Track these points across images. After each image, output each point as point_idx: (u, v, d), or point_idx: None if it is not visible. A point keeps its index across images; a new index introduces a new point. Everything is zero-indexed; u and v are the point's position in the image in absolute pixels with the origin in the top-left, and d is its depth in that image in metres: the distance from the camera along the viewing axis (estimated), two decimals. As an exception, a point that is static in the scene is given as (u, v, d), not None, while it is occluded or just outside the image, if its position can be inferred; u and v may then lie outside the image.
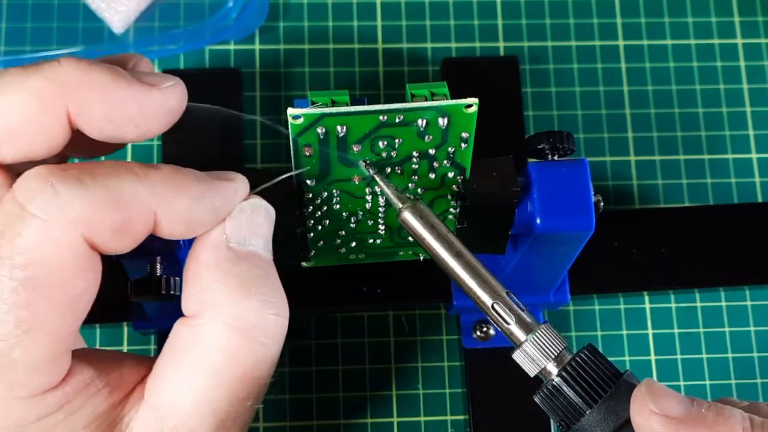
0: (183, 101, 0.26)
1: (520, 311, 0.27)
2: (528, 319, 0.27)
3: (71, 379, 0.24)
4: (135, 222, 0.24)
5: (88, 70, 0.24)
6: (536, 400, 0.27)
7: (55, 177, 0.23)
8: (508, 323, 0.27)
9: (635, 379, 0.27)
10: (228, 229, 0.26)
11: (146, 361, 0.27)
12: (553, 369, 0.27)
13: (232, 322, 0.25)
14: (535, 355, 0.27)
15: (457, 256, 0.27)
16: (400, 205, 0.28)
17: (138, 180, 0.24)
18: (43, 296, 0.23)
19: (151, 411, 0.25)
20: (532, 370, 0.27)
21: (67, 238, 0.23)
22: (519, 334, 0.27)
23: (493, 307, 0.27)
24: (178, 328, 0.26)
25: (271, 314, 0.26)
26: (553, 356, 0.26)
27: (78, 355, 0.25)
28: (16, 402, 0.23)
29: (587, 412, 0.26)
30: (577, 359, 0.26)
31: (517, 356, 0.27)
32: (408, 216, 0.28)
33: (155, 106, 0.25)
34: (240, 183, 0.26)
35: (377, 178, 0.29)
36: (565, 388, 0.26)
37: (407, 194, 0.28)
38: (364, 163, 0.29)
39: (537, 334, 0.27)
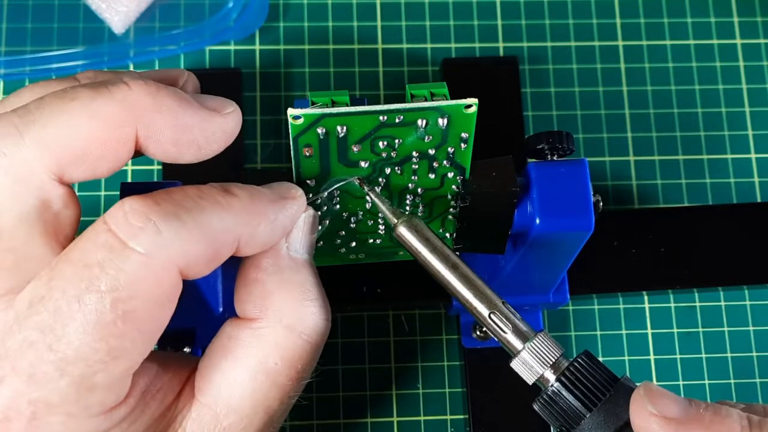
0: (239, 125, 0.27)
1: (516, 320, 0.27)
2: (524, 328, 0.27)
3: (133, 390, 0.25)
4: (224, 252, 0.25)
5: (157, 95, 0.25)
6: (535, 407, 0.27)
7: (154, 214, 0.23)
8: (504, 332, 0.27)
9: (632, 382, 0.27)
10: (289, 239, 0.27)
11: (187, 361, 0.28)
12: (550, 376, 0.27)
13: (293, 326, 0.26)
14: (532, 363, 0.27)
15: (453, 268, 0.28)
16: (395, 221, 0.28)
17: (224, 211, 0.24)
18: (135, 327, 0.23)
19: (206, 410, 0.26)
20: (530, 378, 0.27)
21: (167, 274, 0.23)
22: (516, 342, 0.27)
23: (489, 317, 0.27)
24: (233, 330, 0.27)
25: (324, 318, 0.27)
26: (551, 364, 0.27)
27: None
28: (89, 420, 0.24)
29: (586, 417, 0.26)
30: (574, 365, 0.27)
31: (515, 365, 0.27)
32: (403, 231, 0.28)
33: (218, 130, 0.26)
34: (302, 199, 0.27)
35: (371, 195, 0.29)
36: (563, 394, 0.26)
37: (401, 210, 0.29)
38: (358, 180, 0.29)
39: (534, 342, 0.27)
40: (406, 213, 0.28)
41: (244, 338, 0.26)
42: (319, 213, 0.31)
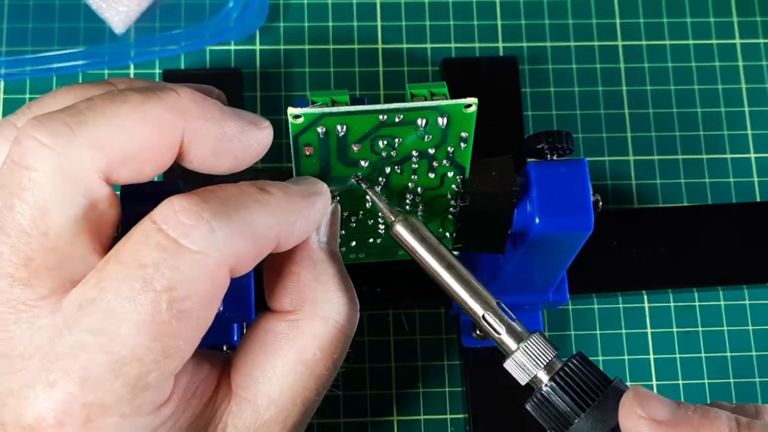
0: (271, 140, 0.28)
1: (510, 321, 0.27)
2: (519, 329, 0.27)
3: (176, 387, 0.25)
4: (266, 250, 0.25)
5: (203, 104, 0.25)
6: (528, 407, 0.27)
7: (207, 212, 0.23)
8: (498, 333, 0.27)
9: (624, 385, 0.27)
10: (319, 231, 0.28)
11: (219, 358, 0.28)
12: (543, 377, 0.27)
13: (329, 316, 0.27)
14: (525, 363, 0.27)
15: (449, 267, 0.28)
16: (393, 219, 0.28)
17: (264, 209, 0.25)
18: (189, 326, 0.23)
19: (246, 404, 0.26)
20: (523, 379, 0.27)
21: (220, 272, 0.23)
22: (510, 343, 0.27)
23: (483, 317, 0.27)
24: (270, 324, 0.27)
25: (355, 308, 0.28)
26: (544, 365, 0.27)
27: None
28: (137, 420, 0.24)
29: (577, 420, 0.26)
30: (567, 367, 0.27)
31: (509, 365, 0.27)
32: (400, 229, 0.28)
33: (254, 142, 0.27)
34: (327, 193, 0.28)
35: (369, 193, 0.29)
36: (555, 396, 0.27)
37: (398, 208, 0.29)
38: (356, 179, 0.29)
39: (528, 343, 0.27)
40: (404, 212, 0.29)
41: (282, 331, 0.27)
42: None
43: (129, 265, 0.23)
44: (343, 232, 0.33)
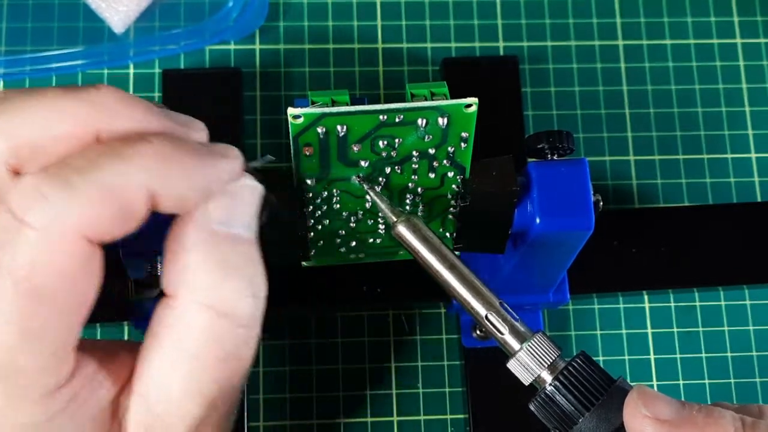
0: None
1: (513, 321, 0.27)
2: (521, 329, 0.27)
3: (77, 374, 0.24)
4: (131, 205, 0.23)
5: (124, 98, 0.25)
6: (532, 407, 0.27)
7: (44, 184, 0.22)
8: (501, 333, 0.27)
9: (627, 385, 0.27)
10: (211, 209, 0.25)
11: (137, 348, 0.26)
12: (547, 377, 0.27)
13: (212, 304, 0.25)
14: (529, 363, 0.27)
15: (451, 268, 0.28)
16: (394, 219, 0.28)
17: (125, 163, 0.23)
18: (45, 304, 0.23)
19: (140, 399, 0.25)
20: (526, 379, 0.27)
21: (67, 244, 0.23)
22: (513, 343, 0.27)
23: (486, 317, 0.27)
24: (158, 310, 0.25)
25: (250, 295, 0.25)
26: (547, 364, 0.27)
27: (79, 348, 0.25)
28: (25, 406, 0.23)
29: (581, 419, 0.26)
30: (570, 367, 0.27)
31: (512, 365, 0.27)
32: (402, 230, 0.28)
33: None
34: (235, 160, 0.26)
35: (371, 193, 0.29)
36: (558, 396, 0.27)
37: (400, 209, 0.29)
38: (357, 178, 0.29)
39: (531, 342, 0.27)
40: (406, 212, 0.28)
41: (164, 318, 0.25)
42: (318, 212, 0.31)
43: None
44: (343, 232, 0.32)
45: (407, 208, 0.31)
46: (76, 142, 0.24)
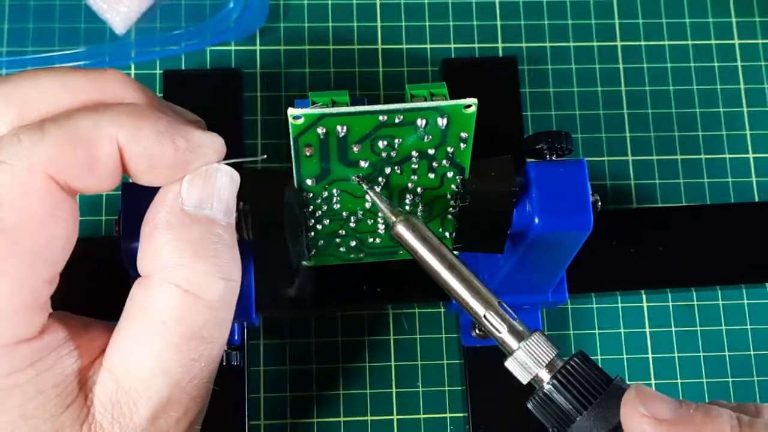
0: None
1: (511, 320, 0.27)
2: (519, 327, 0.27)
3: (45, 336, 0.25)
4: (100, 154, 0.24)
5: (126, 80, 0.27)
6: (529, 406, 0.28)
7: (21, 131, 0.24)
8: (499, 332, 0.27)
9: (625, 384, 0.27)
10: (184, 191, 0.26)
11: (112, 328, 0.27)
12: (545, 376, 0.27)
13: (181, 284, 0.25)
14: (527, 362, 0.27)
15: (450, 267, 0.28)
16: (394, 219, 0.28)
17: (98, 113, 0.25)
18: (11, 240, 0.23)
19: (107, 373, 0.26)
20: (524, 378, 0.27)
21: (34, 180, 0.24)
22: (511, 342, 0.27)
23: (485, 316, 0.27)
24: (132, 290, 0.26)
25: (220, 278, 0.26)
26: (545, 363, 0.27)
27: (52, 316, 0.25)
28: None
29: (578, 418, 0.26)
30: (568, 366, 0.27)
31: (510, 364, 0.27)
32: (401, 229, 0.28)
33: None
34: (209, 135, 0.26)
35: (370, 193, 0.29)
36: (556, 395, 0.27)
37: (399, 209, 0.29)
38: (356, 178, 0.29)
39: (529, 341, 0.27)
40: (405, 212, 0.29)
41: (136, 297, 0.26)
42: (318, 212, 0.31)
43: None
44: (343, 231, 0.33)
45: (407, 208, 0.32)
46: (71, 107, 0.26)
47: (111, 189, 0.26)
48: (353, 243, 0.33)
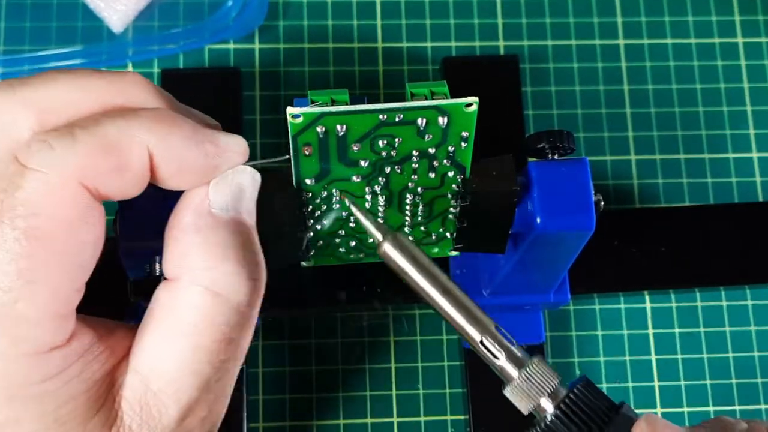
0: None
1: (509, 345, 0.26)
2: (519, 354, 0.26)
3: (73, 341, 0.25)
4: (131, 160, 0.25)
5: (148, 85, 0.27)
6: None
7: (50, 136, 0.24)
8: (497, 358, 0.26)
9: (632, 412, 0.26)
10: (211, 194, 0.26)
11: (135, 330, 0.27)
12: (547, 405, 0.26)
13: (210, 286, 0.26)
14: (528, 391, 0.26)
15: (444, 291, 0.26)
16: (380, 238, 0.27)
17: (127, 119, 0.25)
18: (44, 246, 0.23)
19: (135, 375, 0.26)
20: (525, 408, 0.26)
21: (66, 187, 0.24)
22: (510, 369, 0.26)
23: (482, 342, 0.26)
24: (158, 292, 0.26)
25: (247, 279, 0.26)
26: (547, 392, 0.26)
27: (77, 320, 0.26)
28: (20, 360, 0.24)
29: None
30: (573, 394, 0.25)
31: (510, 393, 0.26)
32: (388, 249, 0.26)
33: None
34: (234, 138, 0.27)
35: (354, 209, 0.28)
36: (562, 425, 0.25)
37: (386, 225, 0.27)
38: (339, 193, 0.29)
39: (529, 369, 0.26)
40: (392, 230, 0.27)
41: (164, 300, 0.26)
42: (318, 212, 0.31)
43: None
44: (343, 232, 0.32)
45: (407, 208, 0.31)
46: (89, 110, 0.26)
47: (137, 194, 0.26)
48: (353, 243, 0.33)
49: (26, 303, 0.23)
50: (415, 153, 0.29)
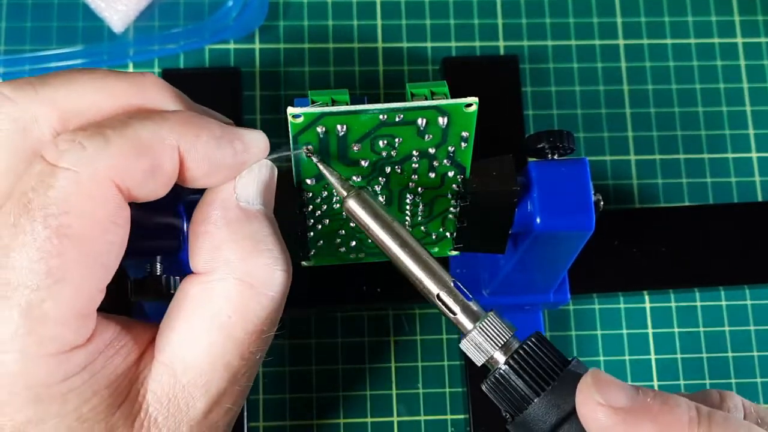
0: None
1: (465, 300, 0.26)
2: (474, 308, 0.26)
3: (95, 338, 0.25)
4: (162, 161, 0.25)
5: (164, 85, 0.27)
6: (483, 388, 0.27)
7: (81, 136, 0.24)
8: (454, 312, 0.26)
9: (582, 367, 0.26)
10: (238, 188, 0.27)
11: (152, 325, 0.27)
12: (500, 357, 0.26)
13: (244, 278, 0.26)
14: (482, 343, 0.26)
15: (403, 245, 0.27)
16: (345, 194, 0.27)
17: (156, 122, 0.25)
18: (74, 246, 0.23)
19: (164, 368, 0.26)
20: (479, 359, 0.26)
21: (98, 187, 0.24)
22: (466, 322, 0.26)
23: (438, 296, 0.26)
24: (187, 286, 0.27)
25: (279, 270, 0.27)
26: (500, 345, 0.26)
27: (98, 317, 0.26)
28: (43, 359, 0.24)
29: (533, 402, 0.25)
30: (524, 347, 0.26)
31: (464, 345, 0.26)
32: (352, 204, 0.27)
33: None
34: (258, 133, 0.27)
35: (320, 166, 0.28)
36: (511, 377, 0.26)
37: (350, 183, 0.28)
38: (306, 149, 0.29)
39: (484, 322, 0.26)
40: (357, 187, 0.28)
41: (196, 293, 0.26)
42: (318, 212, 0.31)
43: (14, 196, 0.24)
44: (343, 231, 0.32)
45: (408, 208, 0.31)
46: (110, 112, 0.26)
47: (164, 195, 0.26)
48: (353, 243, 0.33)
49: (53, 303, 0.23)
50: (415, 153, 0.29)
